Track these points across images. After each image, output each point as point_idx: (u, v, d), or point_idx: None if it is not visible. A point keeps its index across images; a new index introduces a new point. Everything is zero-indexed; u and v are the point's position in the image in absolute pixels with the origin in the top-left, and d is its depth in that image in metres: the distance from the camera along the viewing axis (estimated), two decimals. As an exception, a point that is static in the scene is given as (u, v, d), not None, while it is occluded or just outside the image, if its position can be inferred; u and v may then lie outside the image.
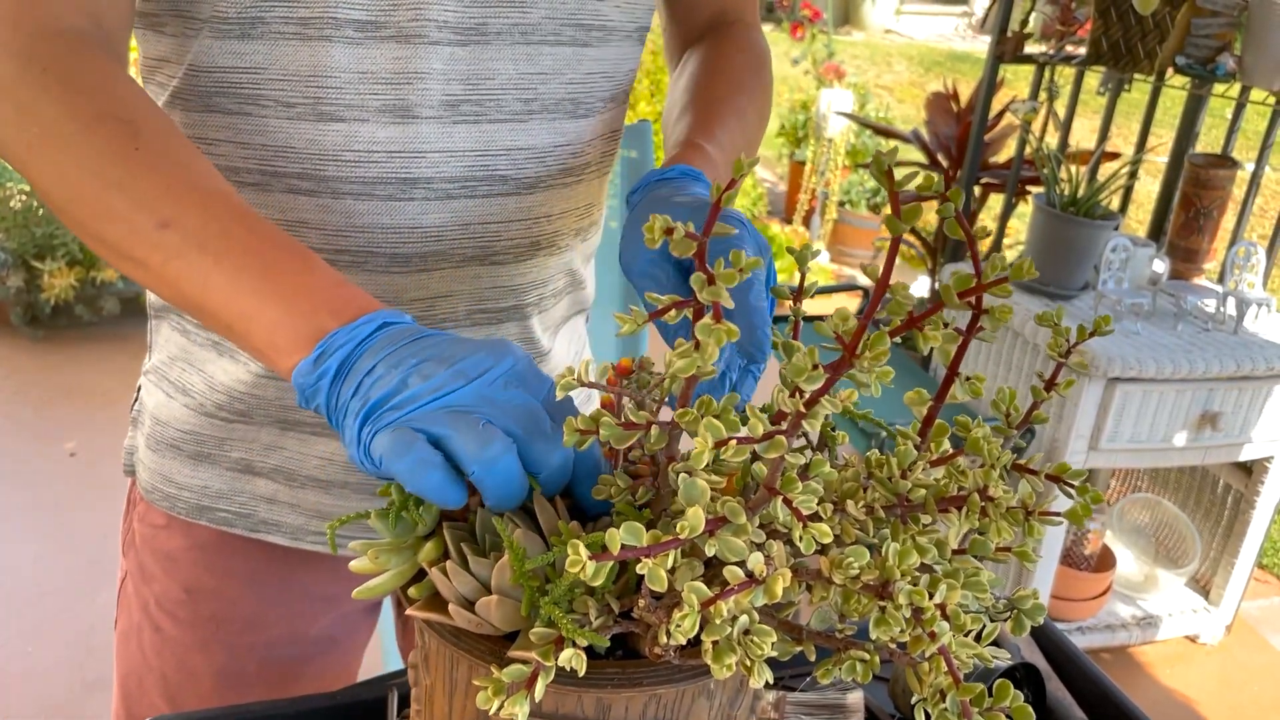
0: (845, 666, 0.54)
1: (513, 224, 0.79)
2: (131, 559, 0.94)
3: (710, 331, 0.44)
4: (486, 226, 0.78)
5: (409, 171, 0.73)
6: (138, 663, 0.94)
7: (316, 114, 0.71)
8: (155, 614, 0.92)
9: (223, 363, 0.82)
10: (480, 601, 0.51)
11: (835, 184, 4.28)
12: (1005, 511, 0.55)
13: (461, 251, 0.78)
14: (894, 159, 0.42)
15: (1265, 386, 2.06)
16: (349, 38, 0.69)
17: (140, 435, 0.91)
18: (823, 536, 0.48)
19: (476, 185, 0.76)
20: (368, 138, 0.72)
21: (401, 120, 0.72)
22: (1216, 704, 2.24)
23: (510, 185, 0.77)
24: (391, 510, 0.53)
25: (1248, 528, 2.26)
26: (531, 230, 0.80)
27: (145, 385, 0.91)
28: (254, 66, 0.70)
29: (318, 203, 0.73)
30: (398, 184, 0.73)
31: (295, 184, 0.73)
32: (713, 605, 0.47)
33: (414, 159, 0.73)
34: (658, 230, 0.43)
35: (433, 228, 0.76)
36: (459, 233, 0.77)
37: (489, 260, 0.79)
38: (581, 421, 0.51)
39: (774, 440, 0.47)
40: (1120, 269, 2.13)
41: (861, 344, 0.45)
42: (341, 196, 0.73)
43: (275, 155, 0.72)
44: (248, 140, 0.72)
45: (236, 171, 0.74)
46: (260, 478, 0.87)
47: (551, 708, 0.54)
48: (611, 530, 0.45)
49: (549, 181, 0.79)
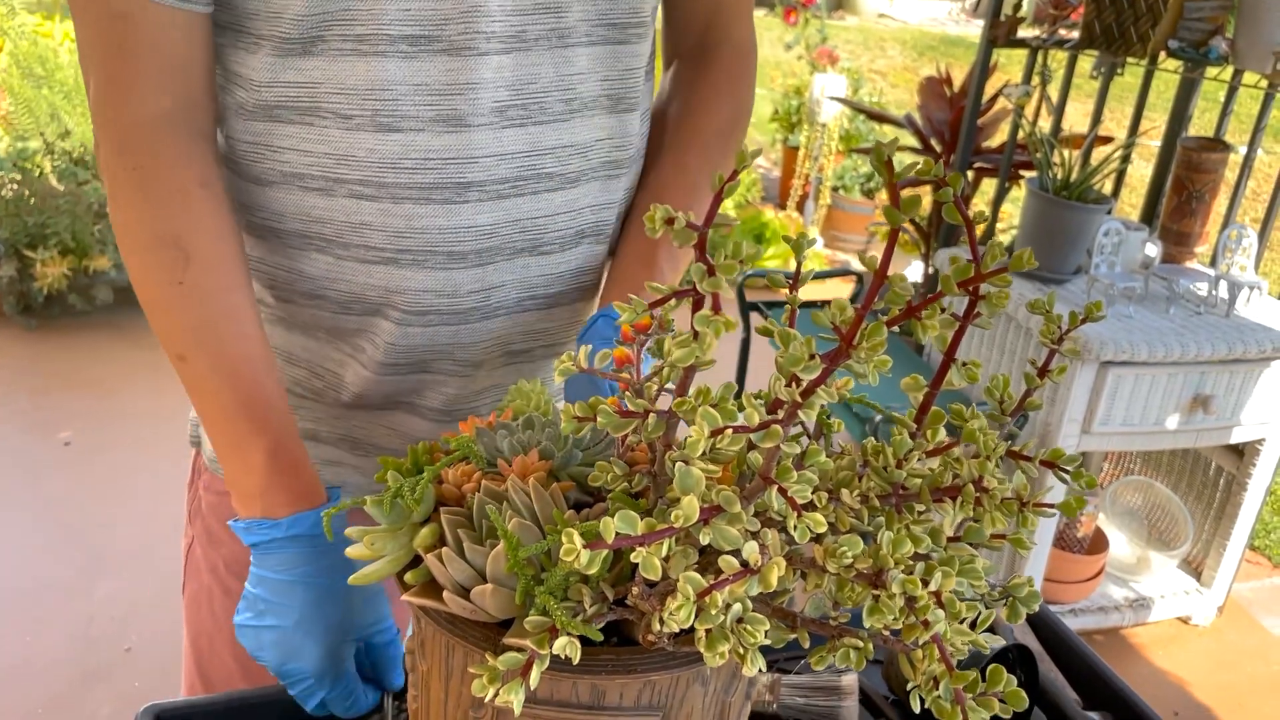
0: (839, 654, 0.54)
1: (559, 216, 0.83)
2: (198, 525, 0.98)
3: (709, 322, 0.44)
4: (535, 221, 0.82)
5: (463, 176, 0.77)
6: (208, 624, 0.98)
7: (375, 125, 0.74)
8: (225, 576, 0.96)
9: (294, 337, 0.88)
10: (475, 589, 0.51)
11: (829, 169, 4.27)
12: (1000, 502, 0.55)
13: (513, 245, 0.82)
14: (894, 150, 0.42)
15: (1257, 369, 2.07)
16: (403, 52, 0.73)
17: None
18: (817, 526, 0.48)
19: (525, 184, 0.80)
20: (424, 146, 0.75)
21: (455, 129, 0.76)
22: (1208, 685, 2.26)
23: (556, 181, 0.81)
24: (387, 495, 0.53)
25: (1239, 510, 2.28)
26: (576, 221, 0.85)
27: None
28: (313, 82, 0.74)
29: (379, 207, 0.77)
30: (453, 188, 0.77)
31: (358, 190, 0.77)
32: (708, 595, 0.47)
33: (468, 164, 0.77)
34: (659, 220, 0.44)
35: (486, 226, 0.80)
36: (510, 229, 0.81)
37: (538, 251, 0.83)
38: (580, 409, 0.51)
39: (770, 429, 0.47)
40: (1113, 253, 2.13)
41: (859, 334, 0.45)
42: (401, 201, 0.77)
43: (337, 163, 0.76)
44: (311, 149, 0.76)
45: (302, 178, 0.77)
46: (325, 444, 0.92)
47: (546, 694, 0.55)
48: (606, 519, 0.45)
49: (592, 175, 0.84)
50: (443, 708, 0.59)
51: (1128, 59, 2.22)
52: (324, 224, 0.79)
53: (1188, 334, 2.02)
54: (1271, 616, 2.51)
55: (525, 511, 0.53)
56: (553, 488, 0.55)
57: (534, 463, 0.56)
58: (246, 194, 0.81)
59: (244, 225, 0.83)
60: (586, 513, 0.56)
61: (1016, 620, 0.60)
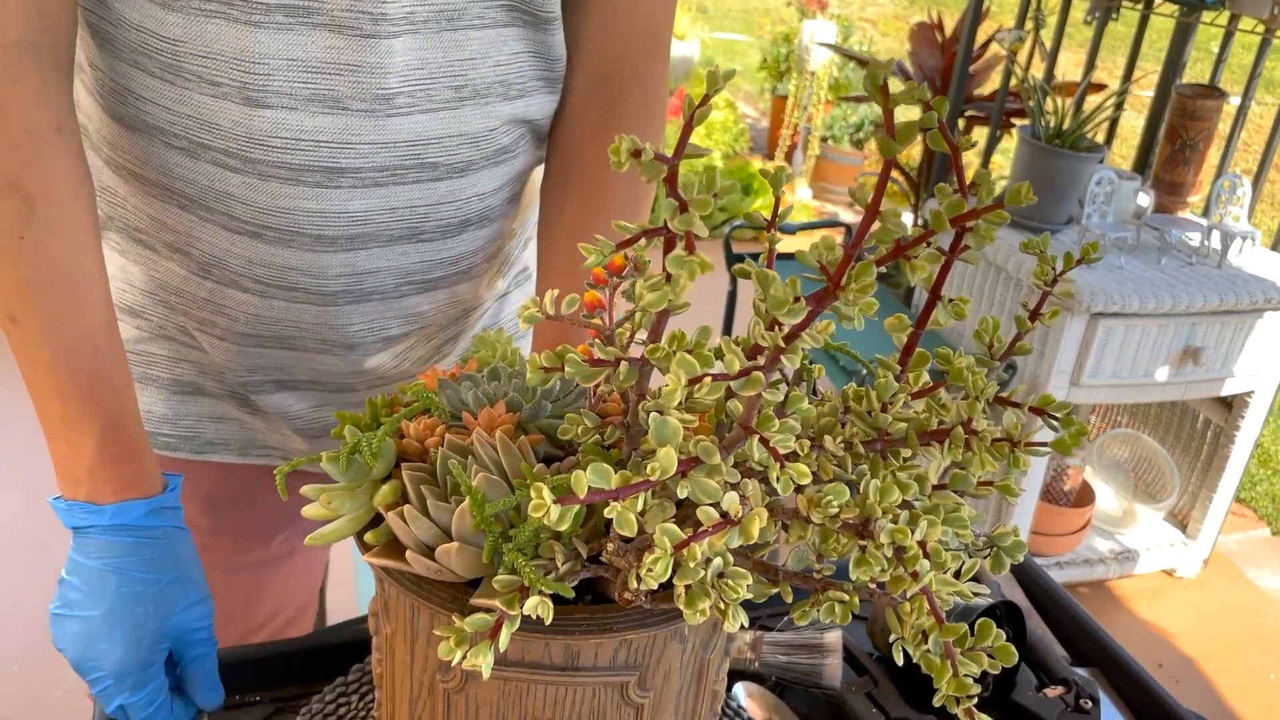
0: (824, 608, 0.52)
1: (443, 206, 0.77)
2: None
3: (682, 263, 0.41)
4: (415, 210, 0.76)
5: (337, 161, 0.71)
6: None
7: (243, 97, 0.68)
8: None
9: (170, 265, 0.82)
10: (440, 548, 0.48)
11: (818, 119, 4.21)
12: (990, 444, 0.52)
13: (389, 232, 0.76)
14: (889, 71, 0.38)
15: (1248, 320, 2.05)
16: (278, 23, 0.66)
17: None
18: (801, 477, 0.45)
19: (407, 173, 0.74)
20: (295, 125, 0.69)
21: (331, 110, 0.69)
22: (1192, 637, 2.27)
23: (441, 171, 0.75)
24: (344, 451, 0.50)
25: (1227, 462, 2.27)
26: (461, 210, 0.79)
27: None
28: (175, 39, 0.67)
29: (244, 180, 0.72)
30: (325, 172, 0.71)
31: (221, 159, 0.71)
32: (685, 548, 0.44)
33: (343, 149, 0.71)
34: (624, 153, 0.40)
35: (360, 213, 0.74)
36: (386, 216, 0.75)
37: (417, 239, 0.78)
38: (546, 359, 0.48)
39: (751, 377, 0.44)
40: (1105, 202, 2.10)
41: (846, 275, 0.42)
42: (268, 179, 0.71)
43: (201, 128, 0.70)
44: (173, 108, 0.70)
45: (164, 133, 0.71)
46: (210, 398, 0.88)
47: (517, 655, 0.52)
48: (578, 472, 0.42)
49: (481, 164, 0.77)
50: (408, 672, 0.56)
51: (1122, 2, 2.17)
52: (187, 183, 0.73)
53: (1179, 285, 1.99)
54: (1256, 569, 2.52)
55: (492, 466, 0.50)
56: (520, 441, 0.52)
57: (500, 415, 0.53)
58: (110, 130, 0.75)
59: (106, 159, 0.77)
60: (557, 466, 0.53)
61: (1000, 571, 0.58)
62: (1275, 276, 2.06)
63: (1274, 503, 2.80)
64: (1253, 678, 2.18)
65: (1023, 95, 2.25)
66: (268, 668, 0.81)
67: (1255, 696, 2.13)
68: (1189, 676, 2.16)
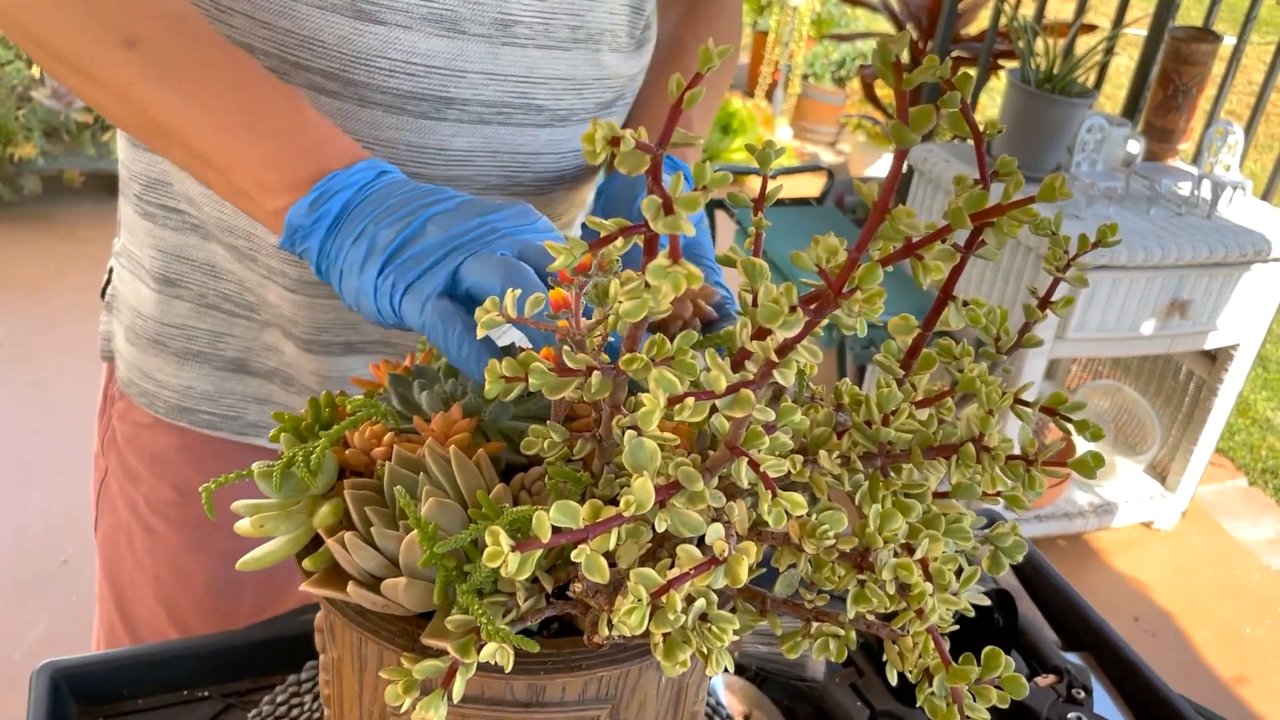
0: (818, 644, 0.47)
1: (542, 156, 0.74)
2: (113, 458, 0.89)
3: (666, 275, 0.34)
4: (515, 156, 0.72)
5: (447, 90, 0.66)
6: (130, 564, 0.90)
7: (354, 10, 0.62)
8: (145, 514, 0.87)
9: (213, 249, 0.76)
10: (387, 582, 0.42)
11: (799, 56, 4.11)
12: (1004, 463, 0.47)
13: (485, 178, 0.72)
14: (902, 47, 0.32)
15: (1236, 273, 2.01)
16: None
17: (117, 324, 0.85)
18: (796, 508, 0.40)
19: (513, 112, 0.70)
20: (408, 46, 0.64)
21: (448, 33, 0.65)
22: (1169, 589, 2.26)
23: (546, 116, 0.72)
24: (279, 466, 0.44)
25: (1208, 415, 2.24)
26: (559, 164, 0.75)
27: (118, 269, 0.83)
28: None
29: (340, 106, 0.65)
30: (433, 102, 0.66)
31: (318, 81, 0.64)
32: (664, 594, 0.39)
33: (455, 77, 0.66)
34: (599, 141, 0.34)
35: (461, 151, 0.70)
36: (487, 160, 0.71)
37: (511, 190, 0.74)
38: (508, 367, 0.42)
39: (739, 396, 0.38)
40: (1095, 150, 2.04)
41: (850, 281, 0.36)
42: (369, 106, 0.66)
43: (300, 45, 0.63)
44: (270, 21, 0.63)
45: (252, 51, 0.64)
46: (255, 378, 0.81)
47: (476, 691, 0.47)
48: (539, 513, 0.36)
49: (581, 115, 0.74)
50: (357, 699, 0.51)
51: (1119, -59, 2.09)
52: None
53: (1168, 236, 1.94)
54: (1233, 519, 2.51)
55: (446, 485, 0.44)
56: (479, 454, 0.46)
57: (457, 420, 0.47)
58: None
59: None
60: (520, 479, 0.48)
61: (998, 572, 0.53)
62: (1264, 228, 2.02)
63: (1252, 452, 2.79)
64: (1228, 630, 2.18)
65: (1012, 36, 2.17)
66: (217, 660, 0.76)
67: (1231, 649, 2.13)
68: (1165, 630, 2.16)
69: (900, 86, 0.33)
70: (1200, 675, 2.05)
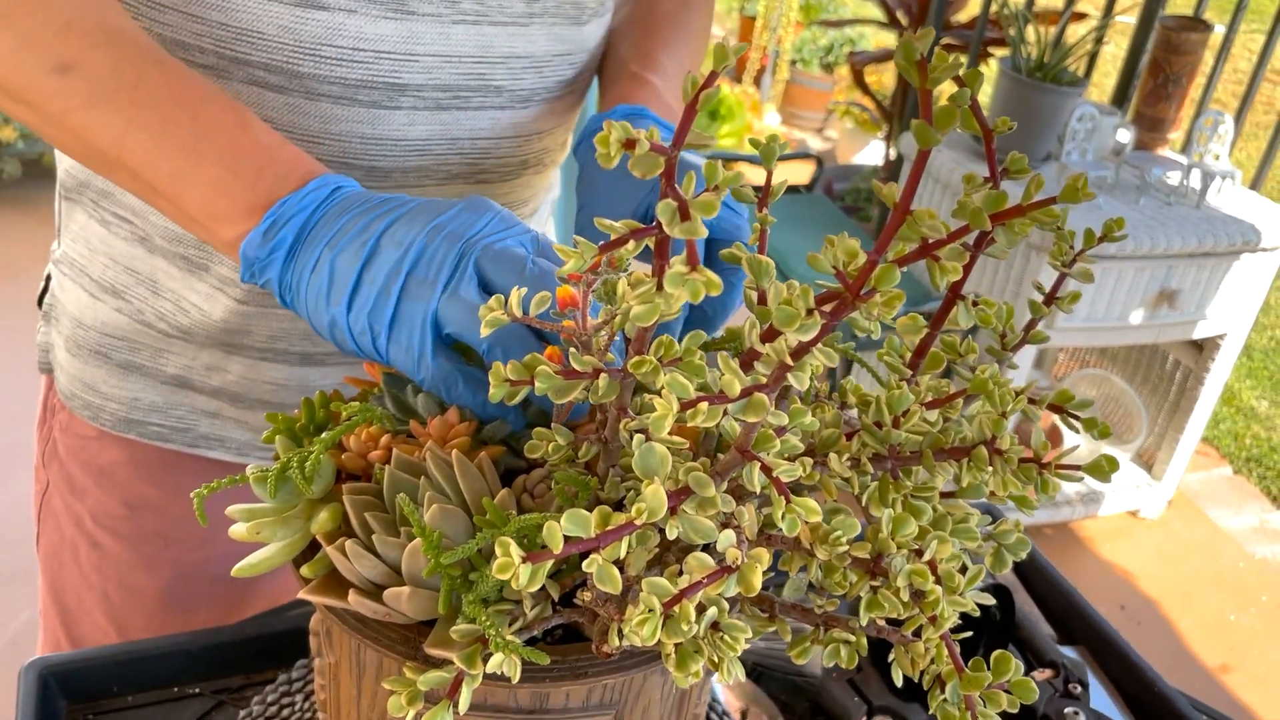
0: (828, 650, 0.46)
1: (504, 141, 0.70)
2: (55, 470, 0.84)
3: (684, 282, 0.33)
4: (475, 142, 0.69)
5: (399, 76, 0.63)
6: (75, 581, 0.85)
7: None
8: (92, 530, 0.83)
9: (158, 263, 0.71)
10: (390, 591, 0.41)
11: (788, 41, 4.09)
12: (1017, 466, 0.46)
13: (446, 168, 0.69)
14: (928, 43, 0.31)
15: (1225, 263, 2.01)
16: None
17: (56, 334, 0.80)
18: (810, 514, 0.39)
19: (470, 95, 0.66)
20: (354, 32, 0.60)
21: (397, 15, 0.61)
22: (1155, 578, 2.27)
23: (505, 98, 0.68)
24: (274, 472, 0.43)
25: (1195, 404, 2.25)
26: (522, 148, 0.72)
27: (57, 276, 0.79)
28: None
29: (287, 102, 0.62)
30: (385, 89, 0.63)
31: (261, 76, 0.61)
32: (677, 604, 0.38)
33: (406, 61, 0.63)
34: (613, 144, 0.32)
35: (418, 140, 0.66)
36: (446, 147, 0.68)
37: (474, 179, 0.70)
38: (513, 370, 0.41)
39: (753, 400, 0.37)
40: (1085, 139, 2.03)
41: (869, 282, 0.35)
42: (317, 98, 0.62)
43: (238, 39, 0.60)
44: (203, 15, 0.59)
45: (187, 49, 0.61)
46: (201, 394, 0.77)
47: (479, 699, 0.46)
48: (550, 523, 0.35)
49: (543, 95, 0.71)
50: (355, 705, 0.50)
51: (1111, -71, 2.08)
52: None
53: (1157, 226, 1.94)
54: (1218, 508, 2.53)
55: (449, 490, 0.43)
56: (481, 458, 0.45)
57: (454, 424, 0.45)
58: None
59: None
60: (522, 482, 0.46)
61: (1002, 570, 0.52)
62: (1253, 218, 2.02)
63: (1236, 441, 2.80)
64: (1213, 618, 2.20)
65: (1003, 23, 2.16)
66: (206, 657, 0.75)
67: (1216, 637, 2.14)
68: (1150, 618, 2.17)
69: (925, 85, 0.32)
70: (1185, 663, 2.07)
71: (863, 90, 3.06)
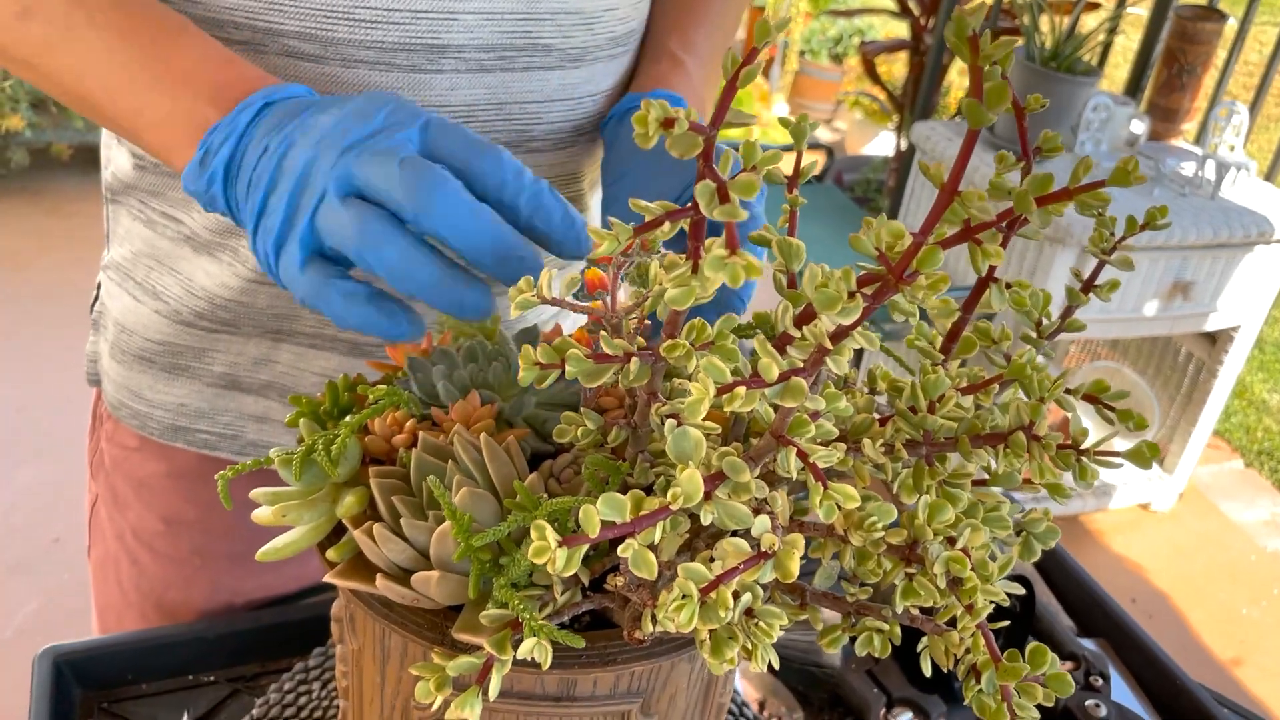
0: (861, 639, 0.45)
1: (554, 104, 0.66)
2: (102, 482, 0.83)
3: (724, 266, 0.32)
4: (524, 107, 0.65)
5: (438, 36, 0.60)
6: (115, 598, 0.84)
7: None
8: (132, 545, 0.82)
9: (201, 261, 0.69)
10: (418, 576, 0.41)
11: (796, 32, 4.07)
12: (1055, 452, 0.45)
13: (494, 136, 0.65)
14: (980, 21, 0.30)
15: (1239, 254, 2.00)
16: None
17: (103, 342, 0.79)
18: (848, 500, 0.38)
19: (516, 56, 0.63)
20: None
21: None
22: (1166, 571, 2.26)
23: (554, 57, 0.64)
24: (299, 455, 0.42)
25: (1207, 397, 2.24)
26: (575, 111, 0.67)
27: (106, 283, 0.77)
28: None
29: (323, 71, 0.60)
30: (424, 51, 0.60)
31: (295, 46, 0.59)
32: (714, 590, 0.37)
33: (444, 20, 0.59)
34: (652, 123, 0.32)
35: (462, 106, 0.63)
36: (493, 114, 0.64)
37: (524, 148, 0.66)
38: (543, 354, 0.40)
39: (791, 385, 0.37)
40: (1099, 129, 2.02)
41: (913, 264, 0.34)
42: (354, 65, 0.60)
43: (270, 8, 0.58)
44: None
45: (221, 25, 0.59)
46: (248, 395, 0.75)
47: (506, 685, 0.45)
48: (587, 507, 0.34)
49: (595, 53, 0.66)
50: (378, 692, 0.49)
51: (1126, -83, 2.06)
52: None
53: (1172, 217, 1.93)
54: (1229, 501, 2.52)
55: (477, 474, 0.42)
56: (508, 441, 0.44)
57: (476, 409, 0.45)
58: None
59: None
60: (548, 466, 0.46)
61: (1031, 559, 0.51)
62: (1267, 209, 2.01)
63: (1248, 434, 2.79)
64: (1224, 612, 2.19)
65: (1016, 12, 2.15)
66: (222, 645, 0.74)
67: (1227, 631, 2.13)
68: (1162, 611, 2.16)
69: (976, 62, 0.31)
70: (1196, 656, 2.06)
71: (874, 80, 3.05)
